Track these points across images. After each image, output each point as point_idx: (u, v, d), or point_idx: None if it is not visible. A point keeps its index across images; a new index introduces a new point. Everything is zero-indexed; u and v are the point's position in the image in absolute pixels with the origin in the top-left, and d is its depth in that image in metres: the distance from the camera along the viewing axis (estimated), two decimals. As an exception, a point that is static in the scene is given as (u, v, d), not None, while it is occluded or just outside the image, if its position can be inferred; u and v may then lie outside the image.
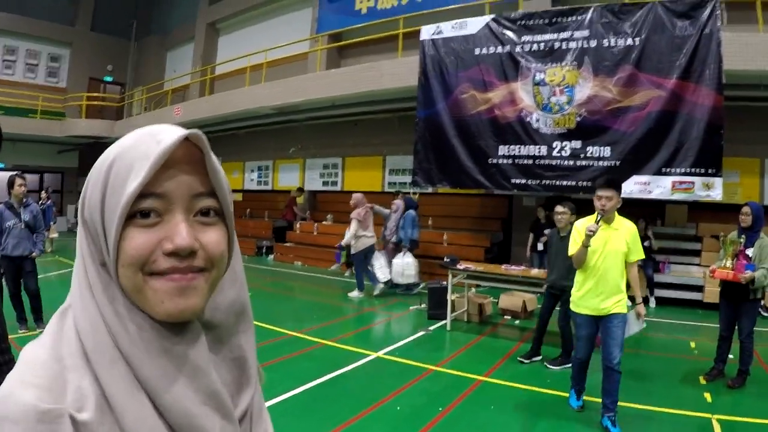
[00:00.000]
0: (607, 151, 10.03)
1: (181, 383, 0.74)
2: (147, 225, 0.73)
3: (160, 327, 0.74)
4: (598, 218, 4.94)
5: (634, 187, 9.79)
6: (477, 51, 11.52)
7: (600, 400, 5.08)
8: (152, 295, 0.73)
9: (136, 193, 0.70)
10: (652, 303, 10.63)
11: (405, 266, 11.49)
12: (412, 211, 11.96)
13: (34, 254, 7.58)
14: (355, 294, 11.20)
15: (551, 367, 6.75)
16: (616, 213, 5.12)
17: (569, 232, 6.72)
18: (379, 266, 11.42)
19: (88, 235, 0.77)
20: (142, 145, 0.73)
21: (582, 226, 5.15)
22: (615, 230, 5.11)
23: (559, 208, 6.89)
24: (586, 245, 4.98)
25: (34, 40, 24.57)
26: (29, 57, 24.79)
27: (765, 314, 9.45)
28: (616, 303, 5.00)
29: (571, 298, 5.33)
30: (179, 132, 0.73)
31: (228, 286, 0.85)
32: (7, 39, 23.91)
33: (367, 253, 11.28)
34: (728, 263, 6.10)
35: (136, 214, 0.72)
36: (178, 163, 0.74)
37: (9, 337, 3.36)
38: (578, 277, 5.25)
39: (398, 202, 12.25)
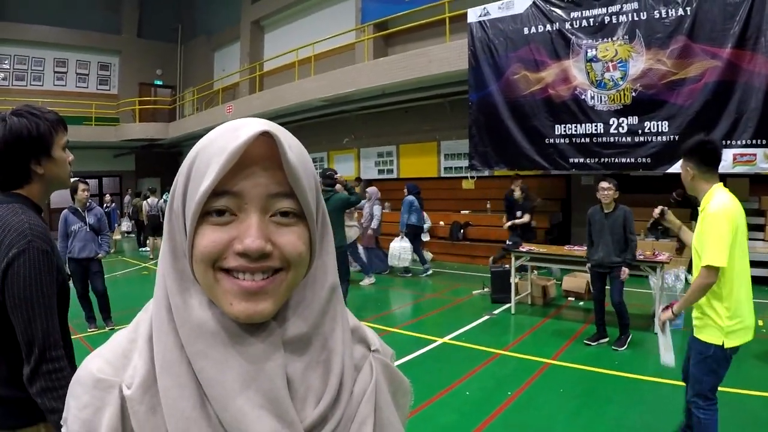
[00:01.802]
0: (665, 126, 9.81)
1: (238, 381, 0.71)
2: (220, 223, 0.72)
3: (229, 323, 0.74)
4: None
5: (694, 161, 9.55)
6: (526, 30, 11.37)
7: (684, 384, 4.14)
8: (222, 295, 0.73)
9: (208, 192, 0.70)
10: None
11: (401, 250, 11.95)
12: (410, 197, 12.29)
13: (100, 255, 7.89)
14: (366, 282, 11.44)
15: (618, 348, 6.71)
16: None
17: (614, 209, 6.71)
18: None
19: (172, 227, 0.78)
20: (222, 139, 0.72)
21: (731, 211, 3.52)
22: None
23: (604, 184, 6.77)
24: None
25: (83, 50, 25.24)
26: (79, 67, 25.47)
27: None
28: None
29: (716, 324, 3.47)
30: (257, 127, 0.71)
31: (313, 286, 0.81)
32: (57, 51, 24.59)
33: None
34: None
35: (211, 211, 0.72)
36: (256, 160, 0.72)
37: (76, 335, 3.44)
38: (722, 290, 3.46)
39: (371, 190, 12.70)
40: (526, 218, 10.76)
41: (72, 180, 7.32)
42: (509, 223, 10.90)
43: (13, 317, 1.82)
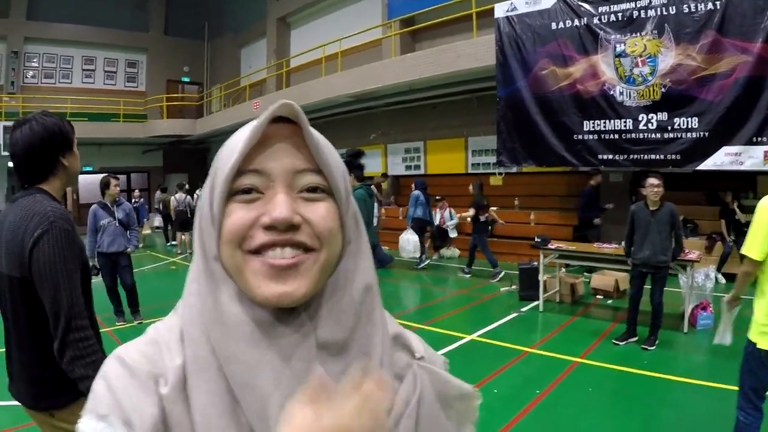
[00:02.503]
0: (694, 122, 9.72)
1: (271, 383, 0.70)
2: (247, 201, 0.73)
3: (260, 315, 0.72)
4: None
5: (725, 158, 9.46)
6: (554, 25, 11.34)
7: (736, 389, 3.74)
8: (251, 278, 0.71)
9: (234, 169, 0.71)
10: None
11: (404, 242, 12.71)
12: (416, 192, 12.77)
13: (129, 249, 8.05)
14: None
15: (647, 348, 6.67)
16: None
17: (660, 206, 6.61)
18: None
19: (201, 225, 0.78)
20: (246, 128, 0.73)
21: None
22: None
23: (654, 181, 6.58)
24: None
25: (111, 48, 25.66)
26: (107, 65, 25.92)
27: None
28: None
29: (754, 320, 3.43)
30: (278, 104, 0.73)
31: (349, 280, 0.79)
32: (85, 50, 25.06)
33: None
34: None
35: (237, 192, 0.73)
36: (279, 139, 0.74)
37: (105, 329, 3.58)
38: (763, 285, 3.46)
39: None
40: (471, 212, 11.42)
41: (103, 176, 7.55)
42: (470, 213, 11.50)
43: (41, 291, 2.00)
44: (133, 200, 17.32)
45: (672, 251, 6.64)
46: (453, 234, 14.19)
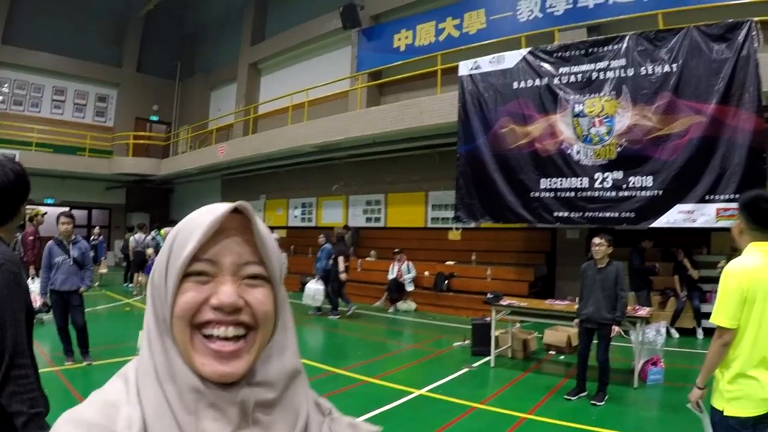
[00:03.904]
0: (649, 181, 9.91)
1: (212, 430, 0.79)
2: (199, 282, 0.81)
3: (201, 380, 0.80)
4: None
5: (678, 216, 9.65)
6: (515, 85, 11.56)
7: None
8: (196, 356, 0.80)
9: (190, 256, 0.80)
10: (700, 334, 10.37)
11: (315, 292, 13.06)
12: (328, 245, 13.39)
13: (81, 289, 7.84)
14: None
15: (597, 403, 6.62)
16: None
17: (608, 263, 6.71)
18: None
19: (154, 294, 0.85)
20: (201, 216, 0.83)
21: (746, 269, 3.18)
22: None
23: (596, 240, 6.78)
24: None
25: (83, 81, 25.55)
26: (78, 97, 25.74)
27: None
28: None
29: (718, 388, 3.20)
30: (232, 204, 0.83)
31: (279, 351, 0.89)
32: (57, 80, 24.91)
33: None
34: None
35: (191, 274, 0.81)
36: (230, 232, 0.83)
37: (54, 368, 3.54)
38: (730, 352, 3.20)
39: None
40: (340, 261, 12.52)
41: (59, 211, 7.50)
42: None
43: None
44: (92, 237, 17.04)
45: (616, 310, 6.67)
46: (410, 287, 14.13)
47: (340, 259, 12.61)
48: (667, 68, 9.78)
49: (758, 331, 3.08)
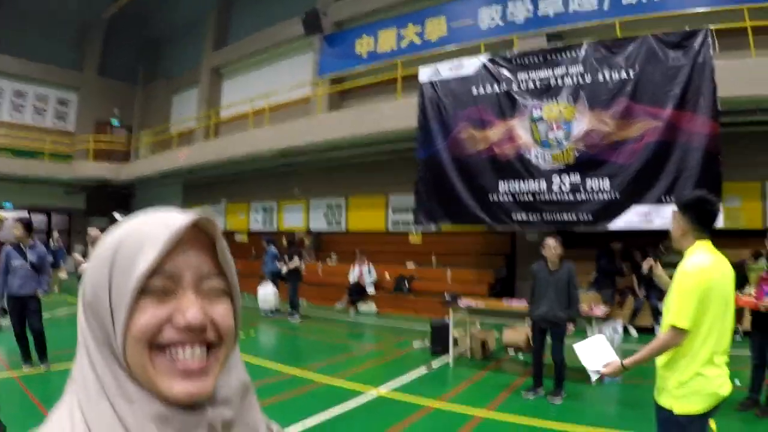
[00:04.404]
0: (606, 184, 10.10)
1: None
2: (158, 299, 0.73)
3: (165, 405, 0.73)
4: None
5: (635, 218, 9.85)
6: (474, 91, 11.69)
7: None
8: (160, 378, 0.72)
9: (149, 271, 0.71)
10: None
11: (265, 294, 13.72)
12: (272, 247, 14.21)
13: (39, 294, 7.75)
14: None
15: (554, 402, 6.71)
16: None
17: (560, 266, 6.86)
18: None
19: (91, 317, 0.76)
20: (150, 227, 0.74)
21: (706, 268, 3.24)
22: None
23: (552, 242, 6.90)
24: None
25: (43, 84, 25.10)
26: (38, 100, 25.23)
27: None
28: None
29: (666, 387, 3.21)
30: (190, 216, 0.75)
31: (234, 365, 0.85)
32: (16, 83, 24.41)
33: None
34: (752, 291, 6.02)
35: (148, 290, 0.72)
36: (188, 245, 0.76)
37: (12, 374, 3.48)
38: (681, 351, 3.19)
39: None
40: (295, 262, 12.97)
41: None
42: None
43: None
44: (51, 242, 16.79)
45: (570, 309, 6.80)
46: (371, 290, 14.18)
47: (296, 257, 12.94)
48: (624, 75, 9.99)
49: (710, 330, 3.10)
